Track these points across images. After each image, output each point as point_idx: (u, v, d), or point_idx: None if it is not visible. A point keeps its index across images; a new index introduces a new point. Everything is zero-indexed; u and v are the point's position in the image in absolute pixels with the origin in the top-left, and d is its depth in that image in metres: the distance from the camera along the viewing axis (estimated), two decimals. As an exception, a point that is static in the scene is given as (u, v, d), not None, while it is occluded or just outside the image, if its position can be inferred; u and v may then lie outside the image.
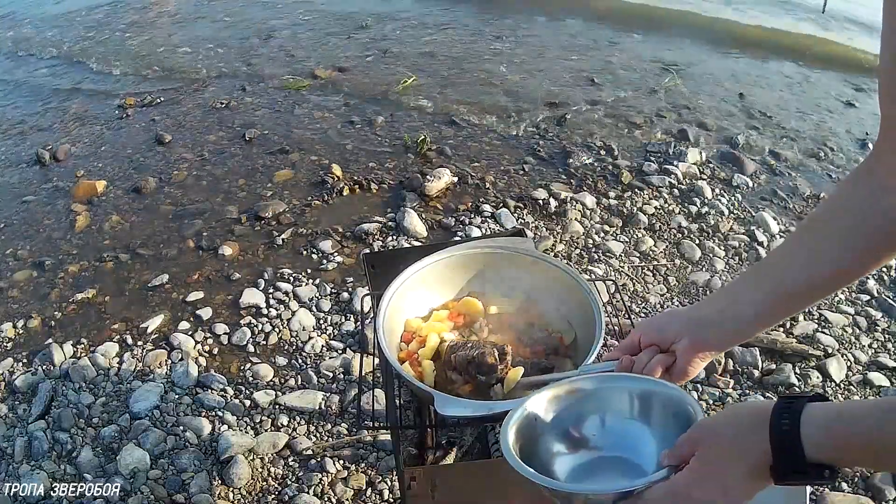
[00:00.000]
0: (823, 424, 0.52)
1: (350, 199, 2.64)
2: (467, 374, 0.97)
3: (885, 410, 0.50)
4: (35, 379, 1.84)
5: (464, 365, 0.97)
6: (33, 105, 3.57)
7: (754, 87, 3.86)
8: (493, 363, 0.96)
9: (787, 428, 0.53)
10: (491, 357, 0.96)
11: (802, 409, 0.53)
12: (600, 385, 0.77)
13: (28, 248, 2.42)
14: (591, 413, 0.77)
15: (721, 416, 0.63)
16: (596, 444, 0.76)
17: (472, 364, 0.96)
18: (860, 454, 0.53)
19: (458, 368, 0.97)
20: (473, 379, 0.97)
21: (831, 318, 2.10)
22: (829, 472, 0.52)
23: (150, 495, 1.54)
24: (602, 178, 2.79)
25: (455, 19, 4.74)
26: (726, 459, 0.57)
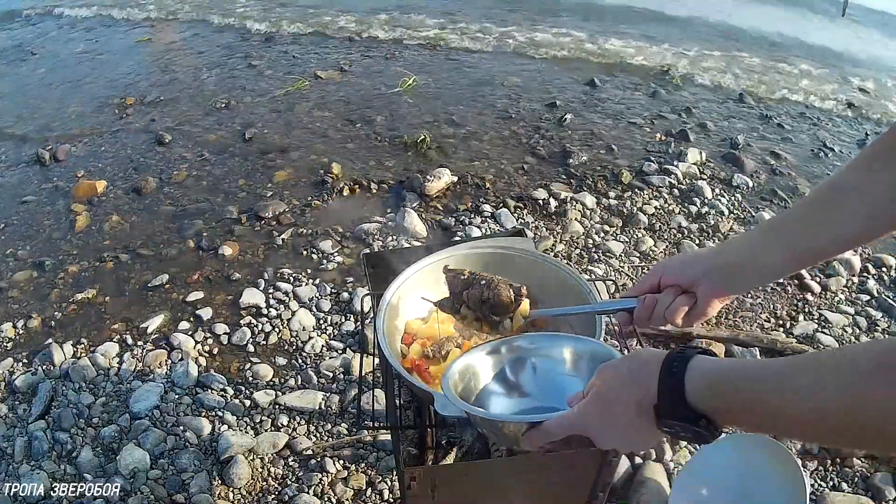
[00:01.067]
0: (709, 375, 0.54)
1: (350, 199, 2.64)
2: (479, 313, 0.93)
3: (775, 373, 0.51)
4: (35, 379, 1.84)
5: (477, 303, 0.93)
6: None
7: (755, 87, 3.87)
8: (508, 303, 0.90)
9: (676, 370, 0.56)
10: (506, 296, 0.90)
11: (692, 357, 0.56)
12: (540, 342, 0.83)
13: (28, 248, 2.42)
14: (529, 365, 0.83)
15: (624, 357, 0.66)
16: (531, 392, 0.82)
17: (486, 304, 0.92)
18: (743, 415, 0.54)
19: (470, 306, 0.94)
20: (486, 318, 0.93)
21: (831, 318, 2.10)
22: (706, 423, 0.54)
23: (150, 495, 1.53)
24: (602, 178, 2.79)
25: (455, 19, 4.75)
26: (617, 392, 0.60)
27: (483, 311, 0.93)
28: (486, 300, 0.92)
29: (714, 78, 3.95)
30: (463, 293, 0.95)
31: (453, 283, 0.98)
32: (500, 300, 0.91)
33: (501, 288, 0.92)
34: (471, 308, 0.95)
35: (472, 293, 0.94)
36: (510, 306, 0.91)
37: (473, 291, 0.94)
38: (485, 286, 0.93)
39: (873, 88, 4.04)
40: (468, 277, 0.96)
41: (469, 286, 0.95)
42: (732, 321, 2.08)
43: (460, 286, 0.96)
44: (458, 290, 0.96)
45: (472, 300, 0.94)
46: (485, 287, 0.93)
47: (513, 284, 0.93)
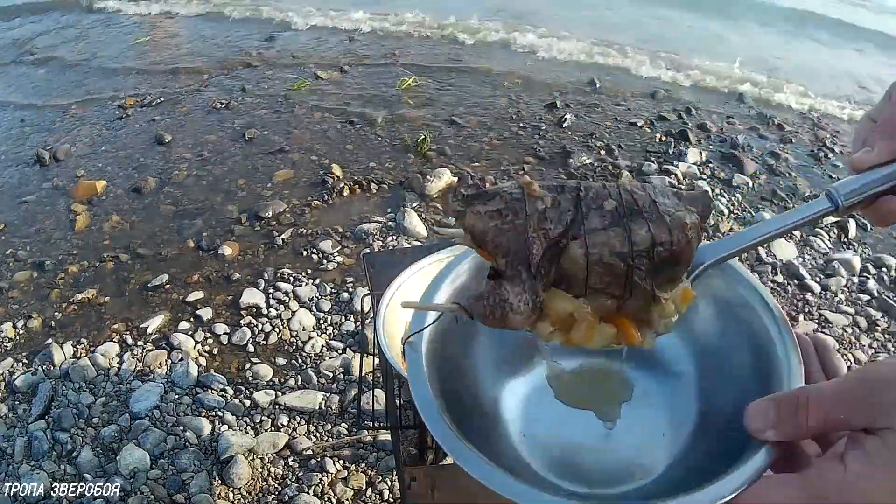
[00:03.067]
0: None
1: (350, 199, 2.64)
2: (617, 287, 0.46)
3: None
4: (35, 379, 1.84)
5: (611, 262, 0.45)
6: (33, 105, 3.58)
7: (755, 87, 3.87)
8: (695, 247, 0.47)
9: None
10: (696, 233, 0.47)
11: None
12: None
13: (28, 248, 2.42)
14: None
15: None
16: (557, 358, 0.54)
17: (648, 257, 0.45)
18: None
19: (589, 278, 0.46)
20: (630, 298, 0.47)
21: (831, 318, 2.10)
22: None
23: (150, 495, 1.53)
24: (602, 178, 2.79)
25: (454, 20, 4.75)
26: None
27: (639, 283, 0.46)
28: (657, 247, 0.45)
29: (714, 78, 3.95)
30: (571, 245, 0.45)
31: (523, 230, 0.45)
32: (690, 248, 0.47)
33: (679, 214, 0.47)
34: (597, 286, 0.46)
35: (602, 251, 0.45)
36: (695, 249, 0.48)
37: (607, 245, 0.45)
38: (636, 216, 0.46)
39: (873, 88, 4.04)
40: (567, 196, 0.47)
41: (574, 221, 0.46)
42: (732, 321, 2.08)
43: (546, 230, 0.45)
44: (546, 244, 0.45)
45: (601, 261, 0.45)
46: (634, 218, 0.46)
47: (679, 192, 0.50)
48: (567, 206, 0.46)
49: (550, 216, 0.46)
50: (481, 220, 0.46)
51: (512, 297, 0.45)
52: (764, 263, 2.33)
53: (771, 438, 0.41)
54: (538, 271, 0.45)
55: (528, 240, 0.45)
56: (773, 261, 2.35)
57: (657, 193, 0.48)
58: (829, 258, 2.38)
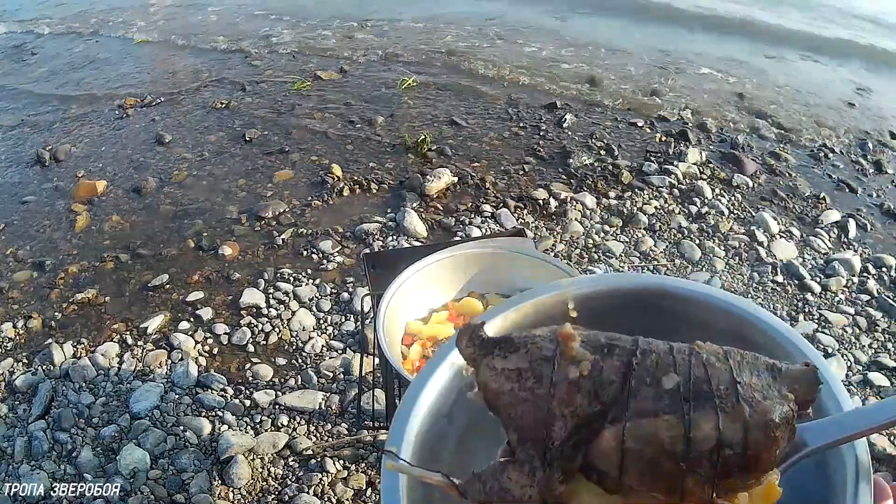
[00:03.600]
0: None
1: (350, 199, 2.64)
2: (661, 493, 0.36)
3: None
4: (35, 379, 1.84)
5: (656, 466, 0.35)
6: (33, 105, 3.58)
7: (755, 87, 3.87)
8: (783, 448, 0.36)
9: None
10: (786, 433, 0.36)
11: None
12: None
13: (28, 248, 2.42)
14: None
15: None
16: None
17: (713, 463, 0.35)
18: None
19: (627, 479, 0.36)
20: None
21: (831, 318, 2.10)
22: None
23: (150, 495, 1.53)
24: (602, 178, 2.79)
25: (456, 20, 4.75)
26: None
27: (694, 489, 0.36)
28: (725, 449, 0.35)
29: (714, 78, 3.95)
30: (604, 433, 0.36)
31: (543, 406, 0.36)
32: (772, 452, 0.36)
33: (764, 403, 0.36)
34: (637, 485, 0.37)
35: (644, 447, 0.35)
36: (783, 451, 0.37)
37: (652, 439, 0.35)
38: (703, 402, 0.35)
39: (873, 88, 4.03)
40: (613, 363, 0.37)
41: (617, 400, 0.36)
42: (732, 321, 2.08)
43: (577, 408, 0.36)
44: (570, 425, 0.36)
45: (643, 458, 0.35)
46: (700, 404, 0.35)
47: (778, 366, 0.38)
48: (611, 376, 0.35)
49: (586, 388, 0.35)
50: (497, 379, 0.37)
51: (515, 488, 0.36)
52: (764, 263, 2.33)
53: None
54: (556, 460, 0.35)
55: (548, 418, 0.35)
56: (774, 261, 2.35)
57: (744, 368, 0.35)
58: (829, 258, 2.38)
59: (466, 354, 0.39)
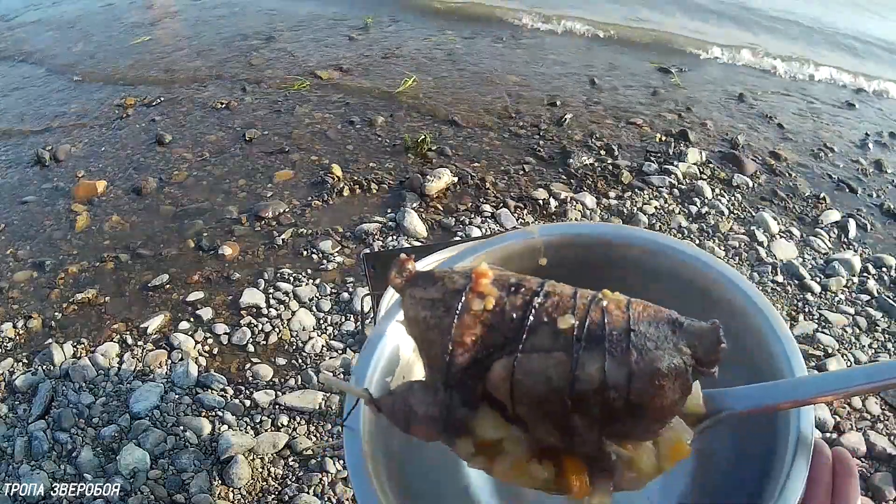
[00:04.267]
0: None
1: (350, 200, 2.64)
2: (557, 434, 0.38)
3: None
4: (35, 379, 1.84)
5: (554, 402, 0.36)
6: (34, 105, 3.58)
7: (755, 87, 3.87)
8: (674, 402, 0.36)
9: None
10: (670, 366, 0.35)
11: None
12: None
13: (28, 248, 2.42)
14: None
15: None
16: None
17: (604, 404, 0.36)
18: None
19: (520, 411, 0.38)
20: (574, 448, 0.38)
21: (831, 318, 2.10)
22: None
23: (150, 495, 1.53)
24: (602, 178, 2.79)
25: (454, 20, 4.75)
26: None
27: (582, 429, 0.37)
28: (609, 391, 0.35)
29: (714, 78, 3.96)
30: (495, 364, 0.37)
31: (447, 333, 0.38)
32: (658, 402, 0.36)
33: (654, 354, 0.36)
34: (528, 419, 0.38)
35: (532, 381, 0.36)
36: (675, 412, 0.37)
37: (540, 373, 0.36)
38: (594, 345, 0.36)
39: (873, 88, 4.04)
40: (516, 301, 0.38)
41: (516, 336, 0.37)
42: (732, 321, 2.08)
43: (479, 338, 0.38)
44: (471, 354, 0.38)
45: (532, 392, 0.36)
46: (591, 347, 0.36)
47: (680, 321, 0.38)
48: (512, 313, 0.37)
49: (488, 321, 0.37)
50: (415, 307, 0.39)
51: (418, 405, 0.38)
52: (764, 263, 2.33)
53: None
54: (456, 385, 0.37)
55: (451, 346, 0.36)
56: (774, 261, 2.35)
57: (642, 319, 0.36)
58: (829, 258, 2.38)
59: (395, 284, 0.41)
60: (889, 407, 1.81)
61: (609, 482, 0.38)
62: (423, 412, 0.38)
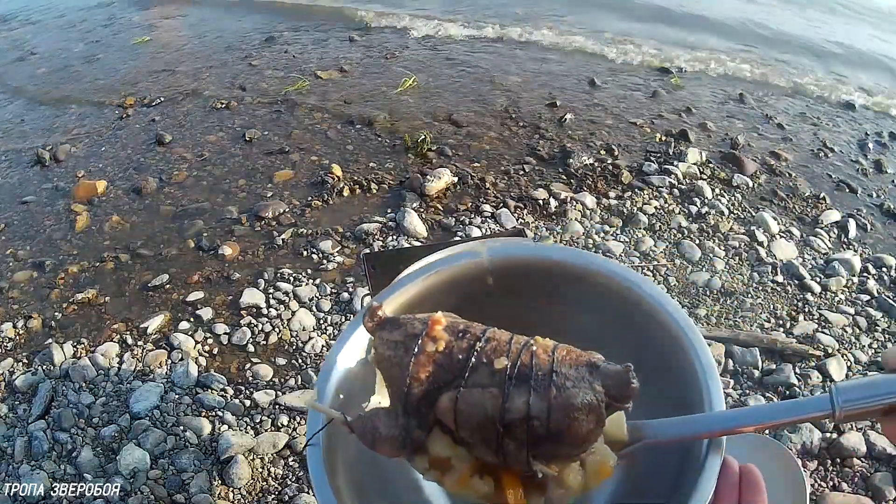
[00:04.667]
0: None
1: (350, 200, 2.64)
2: (493, 455, 0.45)
3: None
4: (35, 379, 1.84)
5: (488, 431, 0.44)
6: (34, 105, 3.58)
7: (755, 88, 3.87)
8: (588, 431, 0.43)
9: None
10: (586, 405, 0.43)
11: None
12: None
13: (28, 248, 2.42)
14: None
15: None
16: None
17: (530, 432, 0.43)
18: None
19: (464, 436, 0.45)
20: (511, 468, 0.46)
21: (831, 318, 2.10)
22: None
23: (150, 495, 1.53)
24: (602, 178, 2.79)
25: (454, 19, 4.75)
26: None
27: (513, 451, 0.44)
28: (532, 421, 0.42)
29: (714, 78, 3.95)
30: (443, 396, 0.45)
31: (406, 370, 0.46)
32: (573, 431, 0.43)
33: (571, 391, 0.43)
34: (470, 441, 0.46)
35: (470, 410, 0.44)
36: (592, 439, 0.44)
37: (477, 404, 0.44)
38: (521, 383, 0.43)
39: (872, 88, 4.04)
40: (462, 344, 0.46)
41: (461, 373, 0.45)
42: (732, 321, 2.08)
43: (431, 375, 0.46)
44: (424, 388, 0.46)
45: (472, 420, 0.44)
46: (519, 384, 0.43)
47: (597, 364, 0.45)
48: (458, 354, 0.45)
49: (439, 361, 0.45)
50: (382, 346, 0.48)
51: (382, 427, 0.47)
52: (764, 263, 2.33)
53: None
54: (413, 412, 0.45)
55: (409, 380, 0.45)
56: (774, 261, 2.35)
57: (564, 363, 0.43)
58: (829, 258, 2.38)
59: (367, 328, 0.50)
60: (889, 407, 1.80)
61: (541, 497, 0.46)
62: (386, 433, 0.46)
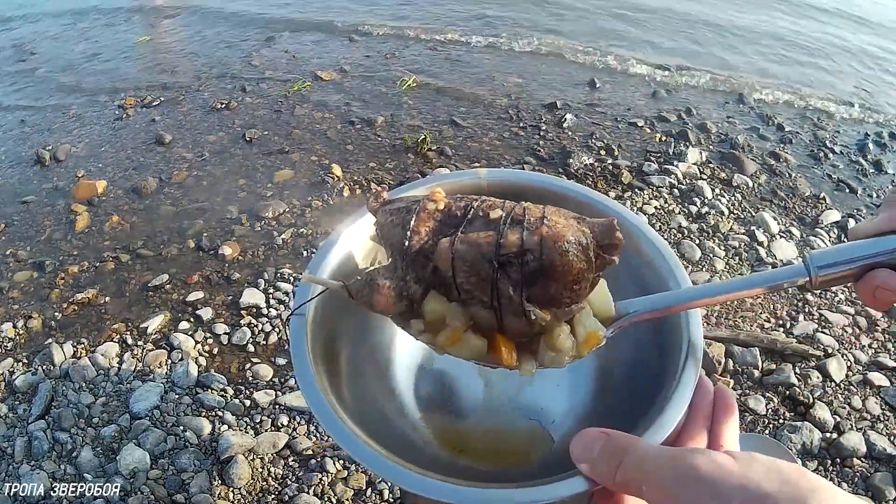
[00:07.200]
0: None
1: (350, 200, 2.64)
2: (490, 306, 0.46)
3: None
4: (35, 379, 1.84)
5: (485, 280, 0.45)
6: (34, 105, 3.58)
7: (755, 87, 3.87)
8: (580, 271, 0.44)
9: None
10: (577, 251, 0.44)
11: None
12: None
13: (28, 248, 2.42)
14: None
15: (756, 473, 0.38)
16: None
17: (521, 279, 0.44)
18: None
19: (460, 289, 0.46)
20: (506, 320, 0.47)
21: (831, 318, 2.10)
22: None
23: (150, 495, 1.53)
24: (602, 178, 2.79)
25: (454, 20, 4.75)
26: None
27: (507, 294, 0.44)
28: (526, 262, 0.43)
29: (714, 78, 3.95)
30: (441, 240, 0.46)
31: (407, 225, 0.48)
32: (564, 264, 0.42)
33: (561, 227, 0.44)
34: (466, 287, 0.46)
35: (467, 248, 0.44)
36: (583, 282, 0.44)
37: (473, 242, 0.44)
38: (515, 225, 0.45)
39: (872, 88, 4.04)
40: (460, 204, 0.49)
41: (459, 225, 0.47)
42: (732, 321, 2.08)
43: (431, 230, 0.48)
44: (424, 240, 0.47)
45: (467, 259, 0.44)
46: (508, 226, 0.45)
47: (583, 217, 0.48)
48: (456, 211, 0.49)
49: (438, 217, 0.49)
50: (384, 215, 0.52)
51: (380, 279, 0.49)
52: (764, 263, 2.33)
53: (584, 472, 0.44)
54: (412, 264, 0.47)
55: (409, 234, 0.48)
56: (774, 261, 2.35)
57: (554, 213, 0.47)
58: (829, 258, 2.38)
59: (371, 209, 0.55)
60: (889, 407, 1.81)
61: (532, 360, 0.48)
62: (384, 283, 0.48)
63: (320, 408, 0.53)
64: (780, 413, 1.78)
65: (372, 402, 0.62)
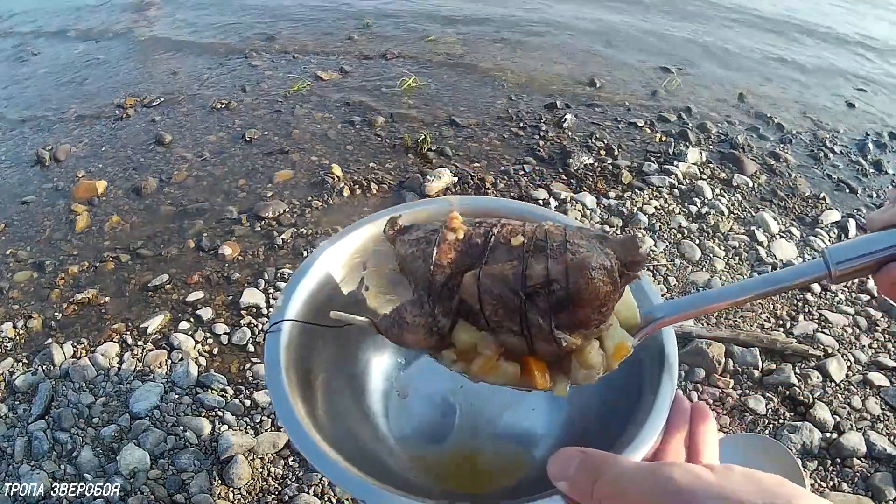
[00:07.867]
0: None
1: (350, 200, 2.64)
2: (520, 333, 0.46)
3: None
4: (35, 379, 1.84)
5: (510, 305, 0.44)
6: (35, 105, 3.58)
7: (755, 87, 3.87)
8: (607, 293, 0.44)
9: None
10: (602, 275, 0.44)
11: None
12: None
13: (28, 248, 2.42)
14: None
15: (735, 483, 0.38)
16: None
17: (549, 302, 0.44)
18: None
19: (488, 317, 0.45)
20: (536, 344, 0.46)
21: (831, 318, 2.10)
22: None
23: (150, 495, 1.53)
24: (602, 178, 2.79)
25: (453, 20, 4.75)
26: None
27: (536, 322, 0.44)
28: (552, 285, 0.42)
29: (714, 79, 3.95)
30: (466, 275, 0.45)
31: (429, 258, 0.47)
32: (591, 290, 0.42)
33: (584, 253, 0.44)
34: (495, 319, 0.45)
35: (492, 282, 0.43)
36: (610, 303, 0.45)
37: (498, 276, 0.43)
38: (539, 252, 0.44)
39: (872, 88, 4.04)
40: (480, 231, 0.48)
41: (481, 255, 0.45)
42: (732, 321, 2.08)
43: (453, 261, 0.47)
44: (448, 273, 0.46)
45: (494, 292, 0.43)
46: (537, 254, 0.44)
47: (605, 235, 0.49)
48: (477, 240, 0.48)
49: (460, 247, 0.48)
50: (404, 246, 0.51)
51: (409, 316, 0.48)
52: (764, 263, 2.33)
53: (562, 490, 0.45)
54: (438, 298, 0.47)
55: (433, 268, 0.47)
56: (774, 261, 2.35)
57: (575, 234, 0.48)
58: (829, 258, 2.38)
59: (388, 236, 0.53)
60: (889, 407, 1.81)
61: (566, 379, 0.48)
62: (413, 320, 0.48)
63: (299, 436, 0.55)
64: (780, 413, 1.78)
65: (346, 424, 0.62)
